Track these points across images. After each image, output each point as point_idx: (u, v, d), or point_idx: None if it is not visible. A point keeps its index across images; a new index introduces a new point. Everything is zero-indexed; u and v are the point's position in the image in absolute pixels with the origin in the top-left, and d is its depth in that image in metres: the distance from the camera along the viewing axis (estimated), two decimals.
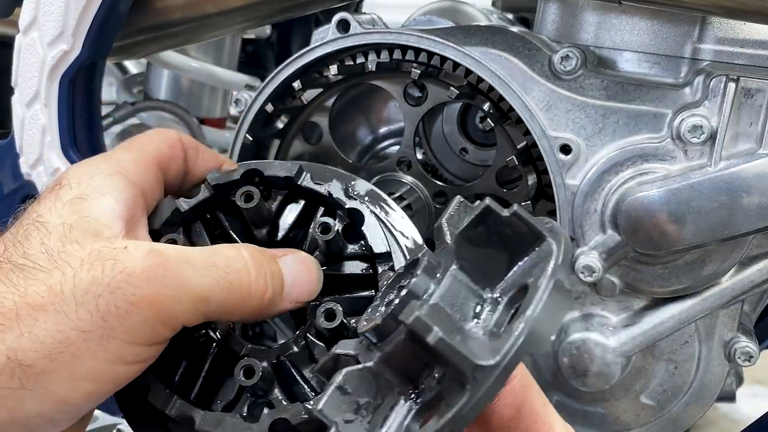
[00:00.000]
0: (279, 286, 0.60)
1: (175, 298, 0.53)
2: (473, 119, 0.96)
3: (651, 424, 0.86)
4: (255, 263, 0.58)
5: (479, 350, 0.43)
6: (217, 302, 0.56)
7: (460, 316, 0.49)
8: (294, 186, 0.69)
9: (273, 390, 0.63)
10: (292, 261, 0.62)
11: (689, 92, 0.77)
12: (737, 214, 0.74)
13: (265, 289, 0.58)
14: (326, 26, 0.84)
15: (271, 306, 0.59)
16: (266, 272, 0.59)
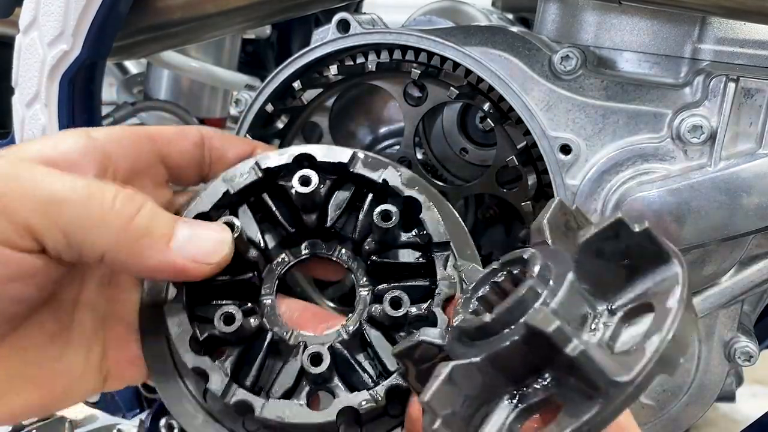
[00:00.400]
0: (161, 226, 0.56)
1: (20, 196, 0.52)
2: (473, 119, 0.96)
3: (651, 424, 0.86)
4: (132, 193, 0.56)
5: (615, 366, 0.43)
6: (71, 214, 0.53)
7: (578, 326, 0.49)
8: (345, 172, 0.68)
9: (333, 378, 0.63)
10: (198, 223, 0.60)
11: (689, 92, 0.77)
12: (737, 214, 0.74)
13: (134, 212, 0.55)
14: (326, 26, 0.84)
15: (151, 246, 0.55)
16: (143, 204, 0.56)
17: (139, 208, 0.56)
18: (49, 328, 0.62)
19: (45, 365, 0.61)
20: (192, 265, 0.57)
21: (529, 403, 0.49)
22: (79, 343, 0.64)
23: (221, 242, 0.59)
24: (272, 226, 0.70)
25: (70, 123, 0.97)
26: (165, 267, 0.57)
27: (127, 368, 0.68)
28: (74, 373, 0.64)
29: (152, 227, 0.56)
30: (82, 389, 0.65)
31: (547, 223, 0.53)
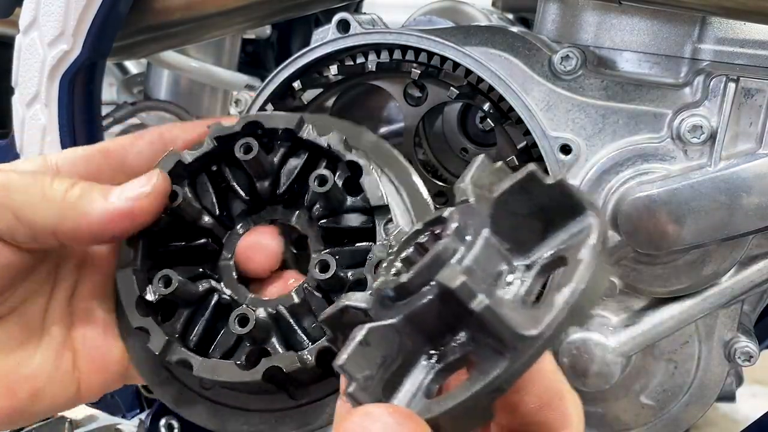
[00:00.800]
0: (97, 189, 0.61)
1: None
2: (473, 119, 0.96)
3: (651, 424, 0.86)
4: (66, 177, 0.62)
5: (521, 319, 0.42)
6: (18, 197, 0.59)
7: (492, 282, 0.48)
8: (296, 138, 0.68)
9: (270, 339, 0.64)
10: (130, 185, 0.63)
11: (689, 92, 0.77)
12: (737, 214, 0.74)
13: (68, 187, 0.60)
14: (326, 26, 0.84)
15: (90, 202, 0.60)
16: (78, 181, 0.61)
17: (74, 183, 0.61)
18: (17, 335, 0.64)
19: (9, 370, 0.63)
20: (134, 203, 0.61)
21: (447, 363, 0.48)
22: (48, 349, 0.66)
23: (150, 175, 0.63)
24: (234, 195, 0.72)
25: (70, 123, 0.97)
26: (110, 216, 0.60)
27: (101, 375, 0.69)
28: (42, 379, 0.65)
29: (88, 191, 0.61)
30: (51, 396, 0.66)
31: (470, 182, 0.52)
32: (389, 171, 0.69)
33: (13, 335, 0.64)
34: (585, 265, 0.43)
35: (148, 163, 0.68)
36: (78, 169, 0.66)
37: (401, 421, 0.42)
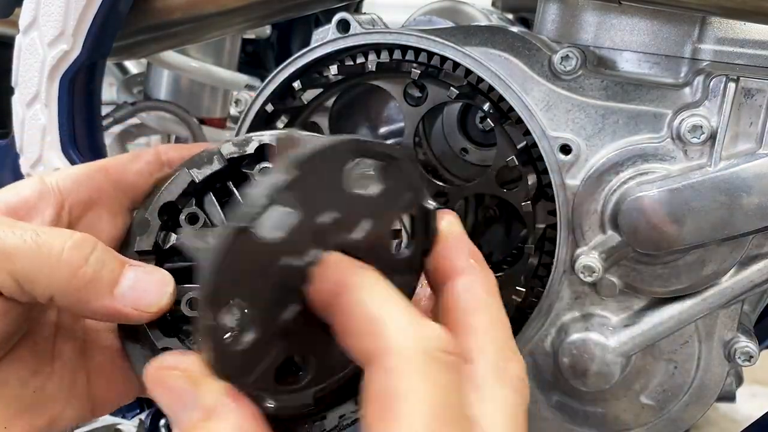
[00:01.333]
0: (106, 275, 0.59)
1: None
2: (473, 119, 0.96)
3: (651, 424, 0.86)
4: (79, 241, 0.58)
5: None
6: (22, 264, 0.56)
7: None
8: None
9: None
10: (142, 269, 0.61)
11: (689, 92, 0.78)
12: (737, 214, 0.74)
13: (82, 262, 0.58)
14: (326, 26, 0.84)
15: (96, 293, 0.58)
16: (91, 252, 0.58)
17: (88, 256, 0.58)
18: (30, 363, 0.63)
19: (27, 399, 0.63)
20: (133, 312, 0.60)
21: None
22: (62, 374, 0.65)
23: (162, 294, 0.61)
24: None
25: (70, 123, 0.97)
26: (107, 312, 0.59)
27: (114, 392, 0.69)
28: (59, 403, 0.65)
29: (98, 276, 0.58)
30: (68, 418, 0.66)
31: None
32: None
33: (27, 364, 0.63)
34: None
35: (148, 182, 0.69)
36: (80, 189, 0.65)
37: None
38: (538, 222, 0.83)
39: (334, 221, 0.53)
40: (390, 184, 0.55)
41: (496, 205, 0.96)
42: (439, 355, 0.46)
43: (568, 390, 0.86)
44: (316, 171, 0.51)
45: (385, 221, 0.58)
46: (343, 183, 0.53)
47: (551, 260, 0.82)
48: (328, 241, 0.52)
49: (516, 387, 0.56)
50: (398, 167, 0.57)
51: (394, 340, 0.46)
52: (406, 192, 0.59)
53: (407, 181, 0.58)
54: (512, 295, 0.84)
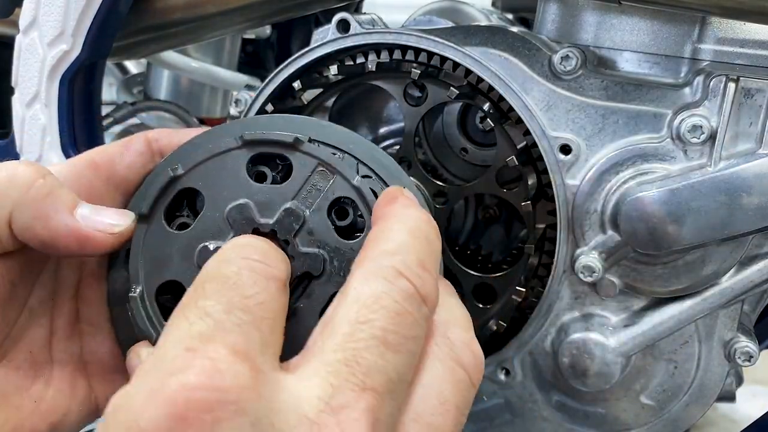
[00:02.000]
0: (65, 194, 0.59)
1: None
2: (473, 119, 0.96)
3: (651, 424, 0.86)
4: (35, 164, 0.59)
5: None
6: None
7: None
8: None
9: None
10: (98, 207, 0.61)
11: (689, 92, 0.78)
12: (737, 214, 0.74)
13: (37, 176, 0.58)
14: (326, 26, 0.84)
15: (55, 207, 0.58)
16: (47, 173, 0.59)
17: (44, 174, 0.59)
18: (28, 370, 0.63)
19: (28, 406, 0.62)
20: (96, 234, 0.59)
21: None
22: (61, 378, 0.65)
23: (125, 216, 0.62)
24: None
25: (70, 123, 0.97)
26: (70, 232, 0.58)
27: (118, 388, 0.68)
28: (61, 408, 0.64)
29: (55, 192, 0.58)
30: (71, 422, 0.65)
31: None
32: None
33: (25, 372, 0.62)
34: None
35: (139, 173, 0.67)
36: (71, 185, 0.63)
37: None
38: (538, 222, 0.83)
39: (244, 208, 0.58)
40: (298, 171, 0.59)
41: (496, 205, 0.96)
42: (386, 273, 0.48)
43: (568, 390, 0.86)
44: (215, 168, 0.60)
45: (315, 205, 0.59)
46: (246, 175, 0.59)
47: (551, 260, 0.82)
48: (244, 227, 0.58)
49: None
50: (301, 149, 0.60)
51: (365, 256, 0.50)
52: (320, 174, 0.60)
53: (316, 163, 0.60)
54: (512, 295, 0.84)
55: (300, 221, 0.58)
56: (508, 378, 0.87)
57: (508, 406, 0.88)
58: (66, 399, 0.64)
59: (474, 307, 0.88)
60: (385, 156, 0.64)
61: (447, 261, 0.87)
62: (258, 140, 0.60)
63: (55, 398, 0.64)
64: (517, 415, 0.89)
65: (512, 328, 0.86)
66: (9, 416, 0.60)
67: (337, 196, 0.59)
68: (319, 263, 0.57)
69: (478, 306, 0.88)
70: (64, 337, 0.66)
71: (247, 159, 0.60)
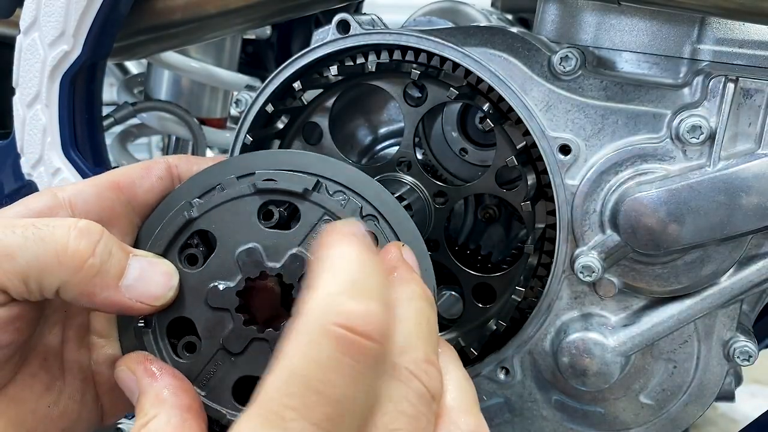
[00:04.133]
0: (113, 266, 0.58)
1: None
2: (473, 119, 0.96)
3: (650, 423, 0.86)
4: (85, 230, 0.57)
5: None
6: (28, 259, 0.55)
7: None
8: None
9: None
10: (146, 261, 0.61)
11: (688, 92, 0.78)
12: (736, 214, 0.74)
13: (88, 253, 0.57)
14: (326, 27, 0.84)
15: (102, 285, 0.58)
16: (99, 242, 0.58)
17: (95, 246, 0.57)
18: (44, 378, 0.64)
19: (43, 413, 0.64)
20: (137, 305, 0.60)
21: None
22: (73, 386, 0.66)
23: (167, 287, 0.62)
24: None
25: (70, 123, 0.97)
26: (112, 304, 0.59)
27: (122, 403, 0.69)
28: (72, 414, 0.66)
29: (105, 268, 0.58)
30: (81, 429, 0.67)
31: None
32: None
33: (41, 379, 0.64)
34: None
35: (157, 197, 0.69)
36: (90, 207, 0.65)
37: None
38: (538, 222, 0.83)
39: (253, 252, 0.61)
40: (306, 218, 0.62)
41: (496, 205, 0.96)
42: (330, 328, 0.44)
43: (568, 389, 0.86)
44: (228, 211, 0.62)
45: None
46: (257, 220, 0.62)
47: (551, 260, 0.82)
48: (252, 270, 0.61)
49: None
50: (310, 199, 0.62)
51: (307, 304, 0.46)
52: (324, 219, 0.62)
53: (322, 212, 0.62)
54: (512, 294, 0.84)
55: (305, 266, 0.60)
56: (507, 377, 0.87)
57: (508, 405, 0.88)
58: (77, 405, 0.66)
59: (474, 306, 0.88)
60: (391, 197, 0.66)
61: (447, 261, 0.87)
62: (270, 189, 0.62)
63: (67, 405, 0.65)
64: (517, 414, 0.89)
65: (512, 327, 0.86)
66: (24, 421, 0.62)
67: None
68: None
69: (478, 306, 0.88)
70: (75, 347, 0.67)
71: (258, 206, 0.62)
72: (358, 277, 0.47)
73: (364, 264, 0.49)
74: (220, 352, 0.62)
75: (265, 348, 0.61)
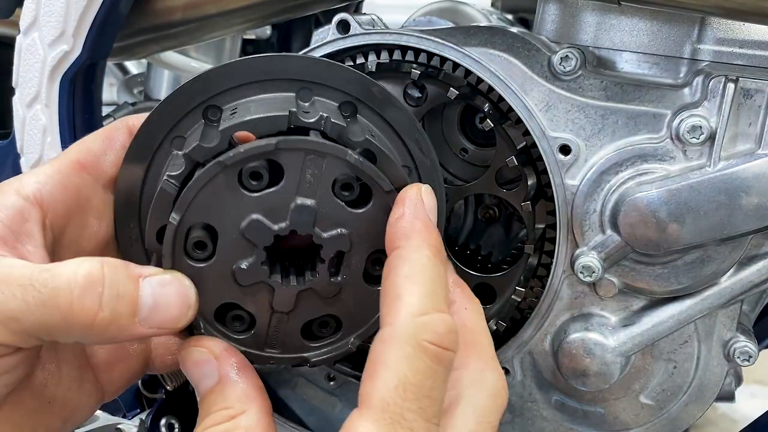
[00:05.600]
0: (125, 308, 0.55)
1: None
2: (473, 119, 0.96)
3: (650, 423, 0.86)
4: (87, 284, 0.54)
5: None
6: (33, 322, 0.53)
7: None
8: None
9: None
10: (157, 283, 0.57)
11: (688, 93, 0.78)
12: (736, 214, 0.74)
13: (96, 310, 0.54)
14: (326, 27, 0.84)
15: (119, 330, 0.55)
16: (102, 290, 0.54)
17: (100, 299, 0.54)
18: (40, 374, 0.63)
19: (41, 405, 0.63)
20: (158, 332, 0.58)
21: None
22: (70, 375, 0.65)
23: (185, 307, 0.59)
24: None
25: (70, 123, 0.97)
26: (135, 338, 0.60)
27: (123, 375, 0.69)
28: (71, 402, 0.65)
29: (116, 316, 0.55)
30: (81, 413, 0.66)
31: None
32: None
33: (36, 371, 0.62)
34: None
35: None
36: (57, 198, 0.61)
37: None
38: (538, 222, 0.83)
39: (256, 223, 0.59)
40: (290, 167, 0.59)
41: (496, 205, 0.96)
42: (425, 345, 0.53)
43: (568, 389, 0.86)
44: (208, 197, 0.59)
45: (318, 192, 0.60)
46: (242, 191, 0.59)
47: (551, 260, 0.82)
48: (265, 239, 0.60)
49: (493, 394, 0.61)
50: (286, 149, 0.59)
51: (396, 318, 0.54)
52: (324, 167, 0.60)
53: (303, 153, 0.59)
54: (512, 295, 0.84)
55: (312, 213, 0.59)
56: (507, 378, 0.87)
57: (508, 405, 0.88)
58: (75, 393, 0.65)
59: None
60: (377, 86, 0.66)
61: None
62: (237, 160, 0.58)
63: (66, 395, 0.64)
64: (517, 414, 0.89)
65: (512, 328, 0.86)
66: (26, 415, 0.61)
67: (335, 176, 0.60)
68: (345, 241, 0.61)
69: None
70: None
71: (235, 178, 0.59)
72: (435, 289, 0.55)
73: (438, 270, 0.57)
74: (274, 316, 0.62)
75: (313, 294, 0.62)
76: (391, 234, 0.59)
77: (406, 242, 0.57)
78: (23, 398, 0.61)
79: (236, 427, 0.56)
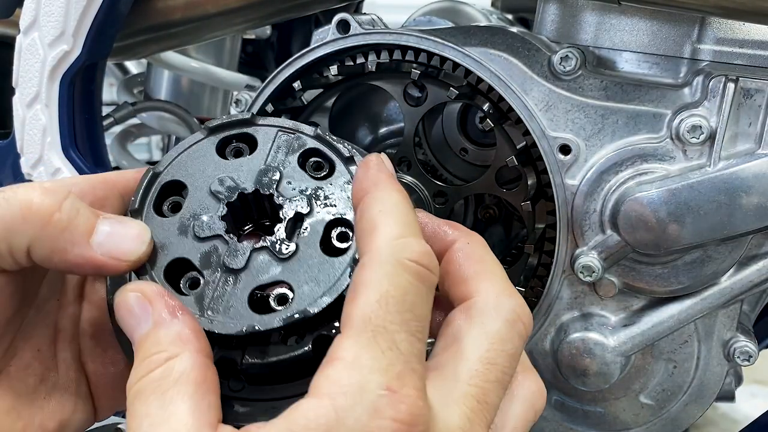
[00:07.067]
0: (82, 222, 0.57)
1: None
2: (473, 119, 0.96)
3: (650, 423, 0.86)
4: (50, 189, 0.57)
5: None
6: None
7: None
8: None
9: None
10: (116, 219, 0.60)
11: (688, 92, 0.78)
12: (736, 214, 0.74)
13: (54, 208, 0.56)
14: (326, 27, 0.84)
15: (72, 242, 0.57)
16: (64, 198, 0.57)
17: (60, 202, 0.57)
18: (36, 370, 0.64)
19: (36, 406, 0.63)
20: (111, 262, 0.59)
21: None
22: (67, 377, 0.66)
23: (139, 241, 0.60)
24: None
25: (70, 123, 0.97)
26: (84, 262, 0.58)
27: (118, 390, 0.68)
28: (68, 407, 0.65)
29: (73, 223, 0.57)
30: (76, 421, 0.66)
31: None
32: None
33: (35, 370, 0.63)
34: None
35: None
36: (85, 197, 0.63)
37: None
38: (538, 222, 0.83)
39: (224, 180, 0.65)
40: (263, 139, 0.67)
41: (496, 205, 0.96)
42: (407, 263, 0.52)
43: (568, 389, 0.86)
44: (190, 158, 0.66)
45: (286, 160, 0.66)
46: (218, 157, 0.66)
47: (551, 260, 0.82)
48: (229, 195, 0.64)
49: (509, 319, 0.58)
50: (260, 124, 0.67)
51: (375, 245, 0.53)
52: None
53: (276, 129, 0.67)
54: None
55: (277, 174, 0.64)
56: None
57: None
58: (72, 398, 0.65)
59: None
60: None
61: None
62: (219, 125, 0.66)
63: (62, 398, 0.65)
64: None
65: None
66: (20, 415, 0.62)
67: (304, 148, 0.66)
68: (304, 202, 0.63)
69: None
70: (68, 338, 0.67)
71: (215, 144, 0.66)
72: (409, 220, 0.56)
73: (408, 207, 0.57)
74: (223, 275, 0.62)
75: (268, 254, 0.62)
76: (358, 186, 0.59)
77: (375, 187, 0.58)
78: (18, 386, 0.62)
79: (169, 372, 0.52)
